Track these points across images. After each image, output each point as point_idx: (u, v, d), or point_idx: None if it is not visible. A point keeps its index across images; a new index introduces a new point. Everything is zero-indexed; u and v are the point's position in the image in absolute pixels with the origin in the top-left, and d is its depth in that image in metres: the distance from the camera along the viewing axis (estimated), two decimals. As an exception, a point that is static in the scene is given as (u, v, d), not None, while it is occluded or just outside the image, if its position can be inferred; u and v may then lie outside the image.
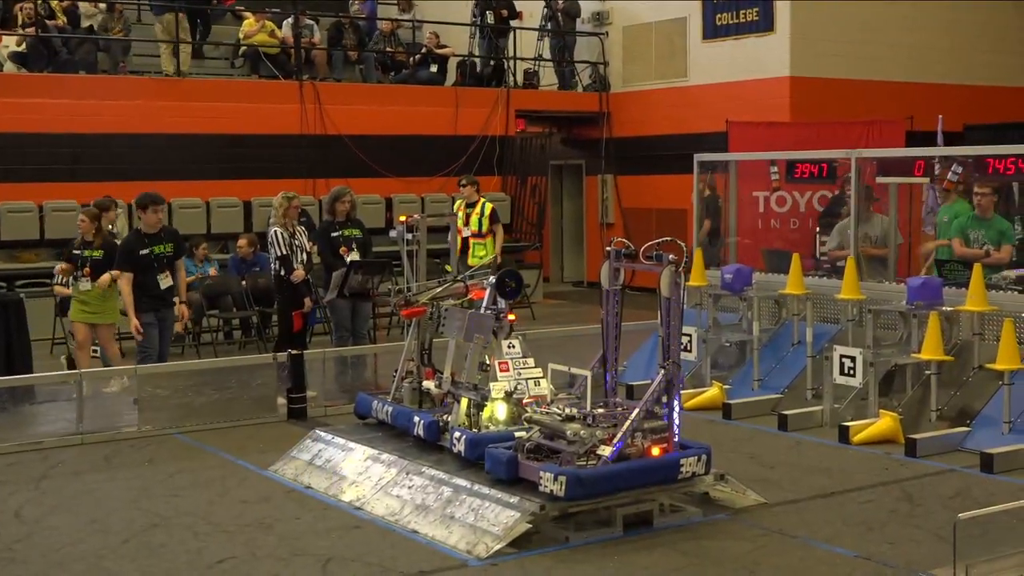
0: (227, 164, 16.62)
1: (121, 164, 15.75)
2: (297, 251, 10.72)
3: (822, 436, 9.04)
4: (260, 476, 8.08)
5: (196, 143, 16.45)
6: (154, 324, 10.10)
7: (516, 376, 7.37)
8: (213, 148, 16.58)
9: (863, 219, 10.67)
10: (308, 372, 10.06)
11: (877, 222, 10.97)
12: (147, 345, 10.06)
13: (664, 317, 6.73)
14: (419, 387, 8.16)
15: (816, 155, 11.40)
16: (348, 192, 11.48)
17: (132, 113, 15.95)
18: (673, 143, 18.54)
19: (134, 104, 16.02)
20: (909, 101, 16.81)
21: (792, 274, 10.10)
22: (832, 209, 12.68)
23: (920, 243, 11.65)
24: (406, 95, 18.36)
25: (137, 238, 10.19)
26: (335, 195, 11.40)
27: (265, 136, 16.92)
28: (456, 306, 8.13)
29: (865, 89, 17.50)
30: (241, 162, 16.72)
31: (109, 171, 15.54)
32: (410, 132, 18.06)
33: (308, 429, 8.76)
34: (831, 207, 12.91)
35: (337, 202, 11.31)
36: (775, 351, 10.42)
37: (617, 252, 7.10)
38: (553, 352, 10.22)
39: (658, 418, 6.71)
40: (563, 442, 6.56)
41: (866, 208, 10.83)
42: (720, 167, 12.07)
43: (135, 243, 10.15)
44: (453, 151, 18.26)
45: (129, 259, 10.07)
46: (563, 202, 21.71)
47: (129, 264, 10.06)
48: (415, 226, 8.89)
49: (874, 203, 11.02)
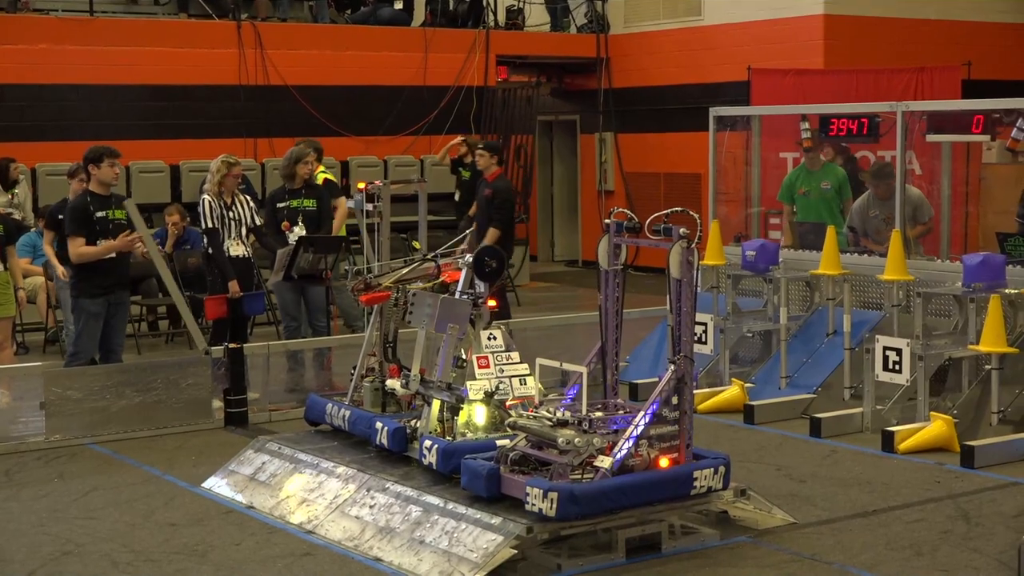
0: (150, 121, 16.58)
1: (20, 121, 15.68)
2: (232, 225, 10.69)
3: (862, 443, 9.08)
4: (192, 494, 8.07)
5: (112, 96, 16.39)
6: (99, 315, 9.91)
7: (498, 373, 7.37)
8: (133, 102, 16.53)
9: (882, 198, 10.77)
10: (249, 370, 10.04)
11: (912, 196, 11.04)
12: (78, 346, 9.93)
13: (674, 302, 6.74)
14: (382, 387, 8.15)
15: (855, 108, 11.42)
16: (311, 152, 11.43)
17: (34, 59, 15.86)
18: (685, 95, 18.57)
19: (36, 49, 15.93)
20: (966, 44, 16.87)
21: (826, 250, 10.14)
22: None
23: (980, 214, 11.71)
24: (365, 38, 18.34)
25: (89, 199, 9.96)
26: (296, 156, 11.32)
27: (196, 88, 16.87)
28: (426, 290, 8.13)
29: (914, 29, 17.55)
30: (167, 119, 16.67)
31: (6, 130, 15.45)
32: (370, 82, 18.03)
33: (249, 438, 8.76)
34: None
35: (298, 164, 11.28)
36: (806, 343, 10.46)
37: (618, 225, 7.11)
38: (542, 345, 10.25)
39: (667, 423, 6.73)
40: (554, 451, 6.57)
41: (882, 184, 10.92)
42: (741, 123, 12.09)
43: (85, 204, 9.92)
44: (422, 105, 18.25)
45: (82, 223, 9.82)
46: (553, 166, 21.72)
47: (83, 228, 9.83)
48: (377, 195, 8.88)
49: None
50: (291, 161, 11.32)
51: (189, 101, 16.83)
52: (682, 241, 6.66)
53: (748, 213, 12.20)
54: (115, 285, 10.02)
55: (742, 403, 10.03)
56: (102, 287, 9.92)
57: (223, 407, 9.94)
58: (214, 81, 16.94)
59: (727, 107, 12.52)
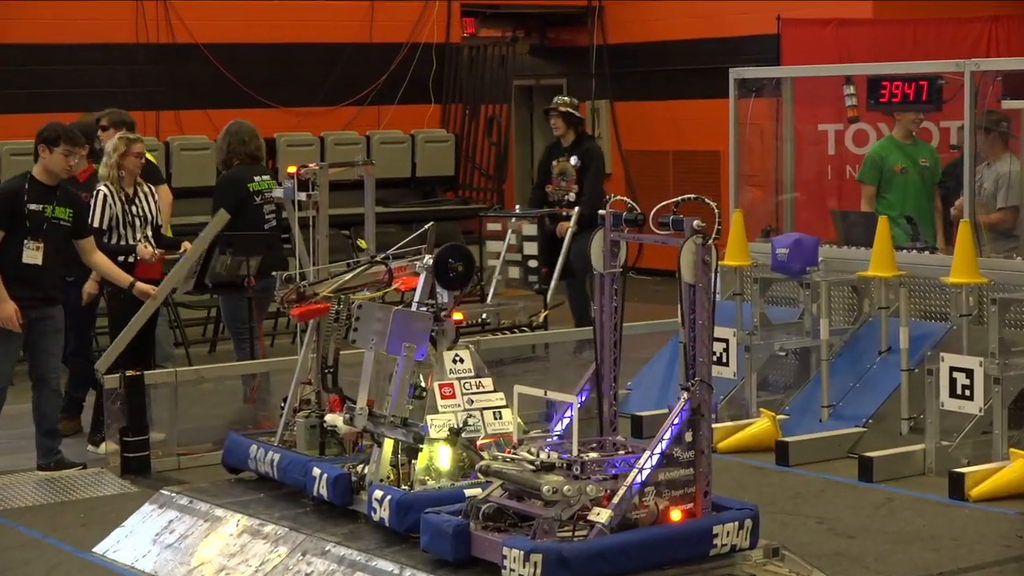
0: (24, 90, 16.51)
1: None
2: (136, 223, 10.59)
3: (924, 489, 9.11)
4: (81, 561, 8.03)
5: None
6: (10, 337, 9.60)
7: (466, 405, 7.38)
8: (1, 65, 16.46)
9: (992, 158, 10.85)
10: (153, 403, 10.02)
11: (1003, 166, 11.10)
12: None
13: (687, 314, 6.76)
14: (320, 424, 8.16)
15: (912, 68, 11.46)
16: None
17: None
18: (699, 52, 18.60)
19: None
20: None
21: (878, 247, 10.17)
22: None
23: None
24: (295, -17, 18.34)
25: (25, 185, 9.74)
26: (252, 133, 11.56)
27: (82, 47, 16.83)
28: (375, 301, 8.13)
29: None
30: (45, 86, 16.60)
31: None
32: (302, 39, 18.02)
33: (153, 490, 8.73)
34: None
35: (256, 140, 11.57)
36: (853, 363, 10.49)
37: (615, 217, 7.13)
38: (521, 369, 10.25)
39: (679, 465, 6.74)
40: (538, 503, 6.57)
41: (999, 145, 10.94)
42: (769, 87, 12.12)
43: (17, 190, 9.71)
44: (367, 68, 18.25)
45: (5, 213, 9.61)
46: (534, 142, 21.71)
47: (5, 221, 9.60)
48: (312, 181, 8.87)
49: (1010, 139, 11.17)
50: (250, 136, 11.56)
51: (73, 64, 16.77)
52: (696, 236, 6.68)
53: (779, 201, 12.21)
54: (39, 299, 9.77)
55: (773, 439, 10.05)
56: (20, 299, 9.67)
57: (119, 451, 9.90)
58: (105, 39, 16.90)
59: (752, 67, 12.55)
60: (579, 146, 13.61)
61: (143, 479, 9.67)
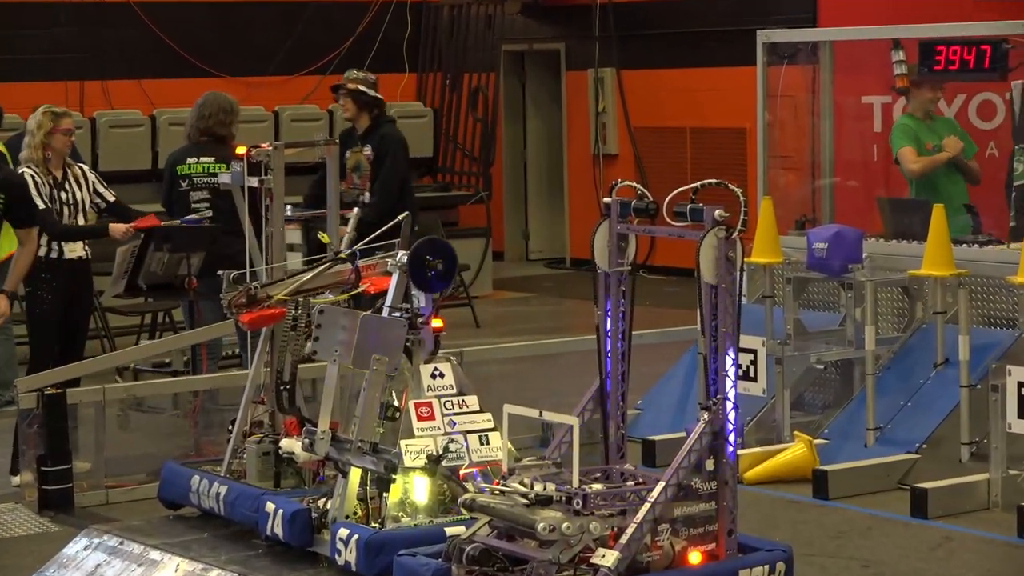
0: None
1: None
2: (65, 211, 10.60)
3: (988, 527, 9.12)
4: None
5: None
6: None
7: (447, 428, 7.39)
8: None
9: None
10: (76, 427, 10.00)
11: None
12: None
13: (708, 320, 6.76)
14: (274, 450, 8.16)
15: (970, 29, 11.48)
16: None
17: None
18: (720, 12, 18.63)
19: None
20: None
21: (932, 240, 10.18)
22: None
23: None
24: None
25: None
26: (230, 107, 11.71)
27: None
28: (339, 305, 8.12)
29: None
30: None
31: None
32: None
33: (77, 528, 8.71)
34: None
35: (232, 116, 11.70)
36: (904, 378, 10.51)
37: (623, 206, 7.12)
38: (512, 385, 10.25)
39: (699, 498, 6.75)
40: (532, 543, 6.58)
41: None
42: (804, 53, 12.13)
43: None
44: (331, 30, 18.26)
45: None
46: (527, 119, 21.75)
47: None
48: (265, 164, 8.87)
49: None
50: (225, 111, 11.79)
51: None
52: (718, 229, 6.68)
53: (816, 187, 12.22)
54: None
55: (811, 468, 10.06)
56: None
57: (35, 483, 9.90)
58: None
59: (783, 29, 12.57)
60: (374, 133, 12.59)
61: (65, 516, 9.67)
